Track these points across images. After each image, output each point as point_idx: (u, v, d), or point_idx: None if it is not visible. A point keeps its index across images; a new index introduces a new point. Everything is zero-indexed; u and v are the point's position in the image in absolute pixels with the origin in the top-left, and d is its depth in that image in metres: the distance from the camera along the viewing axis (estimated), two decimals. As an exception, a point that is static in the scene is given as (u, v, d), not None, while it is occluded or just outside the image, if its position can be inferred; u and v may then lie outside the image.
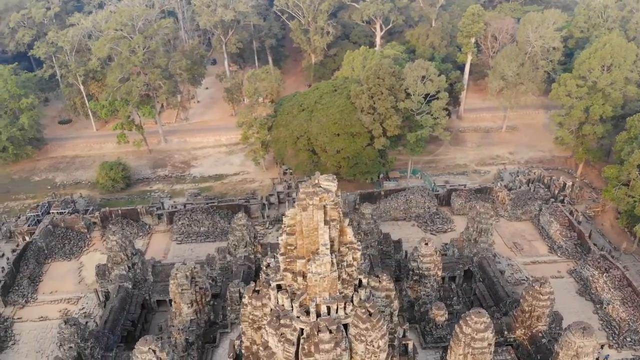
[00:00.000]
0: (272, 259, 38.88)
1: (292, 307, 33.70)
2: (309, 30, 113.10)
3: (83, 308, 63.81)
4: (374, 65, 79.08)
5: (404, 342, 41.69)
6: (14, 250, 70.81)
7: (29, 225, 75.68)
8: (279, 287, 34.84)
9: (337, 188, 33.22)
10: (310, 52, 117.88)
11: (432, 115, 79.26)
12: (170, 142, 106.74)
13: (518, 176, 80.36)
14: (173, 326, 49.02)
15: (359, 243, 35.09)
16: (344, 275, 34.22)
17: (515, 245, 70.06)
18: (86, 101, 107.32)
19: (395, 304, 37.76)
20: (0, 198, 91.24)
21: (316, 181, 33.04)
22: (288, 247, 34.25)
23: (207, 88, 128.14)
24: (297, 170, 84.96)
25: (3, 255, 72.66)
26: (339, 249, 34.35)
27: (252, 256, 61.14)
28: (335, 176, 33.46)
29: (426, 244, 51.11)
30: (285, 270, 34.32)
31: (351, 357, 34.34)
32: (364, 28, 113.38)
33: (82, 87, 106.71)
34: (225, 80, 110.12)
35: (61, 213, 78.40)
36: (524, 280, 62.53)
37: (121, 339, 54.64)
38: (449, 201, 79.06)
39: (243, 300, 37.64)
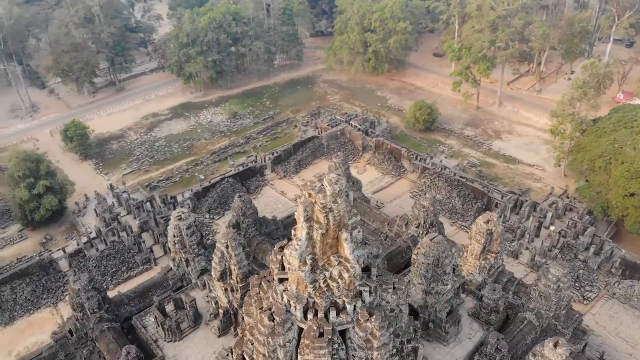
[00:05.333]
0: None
1: (275, 278, 33.67)
2: None
3: (307, 203, 75.27)
4: None
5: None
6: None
7: (327, 124, 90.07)
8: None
9: (339, 194, 29.31)
10: None
11: None
12: (503, 107, 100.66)
13: None
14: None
15: (355, 266, 30.55)
16: (322, 283, 31.20)
17: None
18: (455, 42, 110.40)
19: (376, 354, 31.21)
20: (341, 97, 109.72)
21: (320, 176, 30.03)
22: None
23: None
24: (580, 192, 68.80)
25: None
26: (328, 256, 31.15)
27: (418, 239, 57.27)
28: (340, 178, 29.32)
29: (555, 345, 36.96)
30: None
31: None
32: None
33: (457, 27, 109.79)
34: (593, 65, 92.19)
35: (354, 127, 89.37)
36: None
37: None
38: None
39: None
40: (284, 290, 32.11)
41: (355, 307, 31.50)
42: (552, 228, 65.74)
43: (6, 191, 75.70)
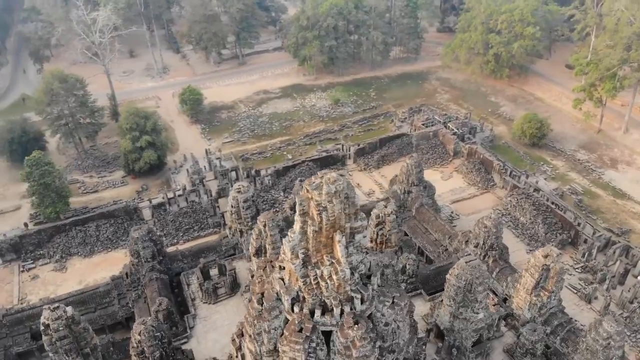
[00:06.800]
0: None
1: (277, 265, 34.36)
2: None
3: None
4: None
5: None
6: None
7: (422, 124, 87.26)
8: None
9: (336, 195, 28.87)
10: None
11: None
12: (629, 134, 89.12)
13: None
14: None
15: (345, 270, 30.02)
16: (312, 280, 31.18)
17: None
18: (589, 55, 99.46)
19: (354, 363, 30.31)
20: (450, 97, 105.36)
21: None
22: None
23: None
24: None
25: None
26: (322, 255, 30.93)
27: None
28: (339, 179, 28.74)
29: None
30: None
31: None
32: None
33: (593, 39, 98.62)
34: None
35: (450, 130, 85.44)
36: None
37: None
38: None
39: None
40: (279, 278, 32.69)
41: (342, 311, 31.08)
42: (639, 278, 57.78)
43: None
